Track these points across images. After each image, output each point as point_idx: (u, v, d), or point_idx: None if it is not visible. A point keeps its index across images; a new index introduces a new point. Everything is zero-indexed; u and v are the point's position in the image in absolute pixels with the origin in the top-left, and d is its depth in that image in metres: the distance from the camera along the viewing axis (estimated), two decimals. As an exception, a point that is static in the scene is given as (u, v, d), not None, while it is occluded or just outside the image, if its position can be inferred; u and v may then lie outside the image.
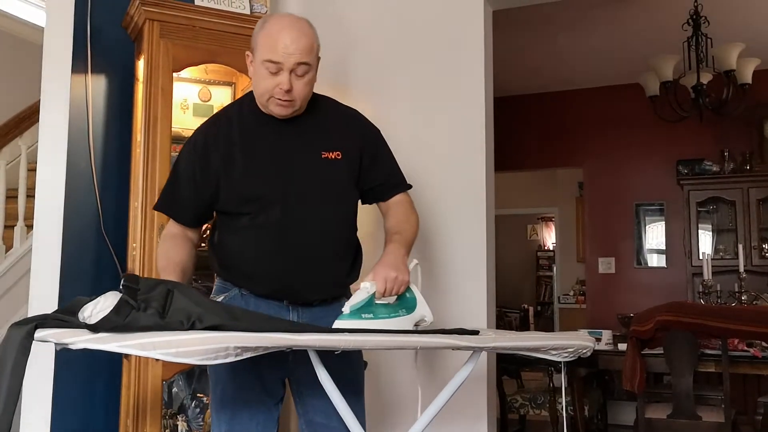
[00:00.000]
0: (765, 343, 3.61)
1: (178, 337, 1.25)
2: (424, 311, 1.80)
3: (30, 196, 3.91)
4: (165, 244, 1.97)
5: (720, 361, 3.38)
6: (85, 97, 2.93)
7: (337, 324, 1.65)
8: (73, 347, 1.25)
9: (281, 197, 1.88)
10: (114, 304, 1.30)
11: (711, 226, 5.96)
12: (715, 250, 5.87)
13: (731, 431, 3.34)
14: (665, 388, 4.01)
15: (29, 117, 4.35)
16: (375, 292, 1.72)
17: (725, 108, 4.39)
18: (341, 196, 1.95)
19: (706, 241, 5.92)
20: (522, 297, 10.05)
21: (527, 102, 6.65)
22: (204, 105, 3.08)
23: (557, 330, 8.50)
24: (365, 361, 2.05)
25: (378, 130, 2.08)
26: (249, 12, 3.00)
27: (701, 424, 3.31)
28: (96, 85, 2.98)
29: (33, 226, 2.90)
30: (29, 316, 1.34)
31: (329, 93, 2.13)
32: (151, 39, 2.77)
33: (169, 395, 2.82)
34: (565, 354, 1.75)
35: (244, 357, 1.30)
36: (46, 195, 2.81)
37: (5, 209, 4.25)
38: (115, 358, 2.74)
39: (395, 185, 2.05)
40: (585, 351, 1.78)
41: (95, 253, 2.91)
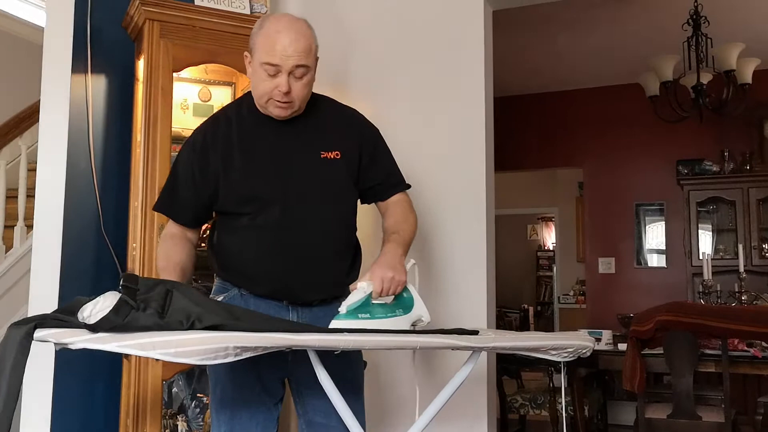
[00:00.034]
0: (765, 343, 3.61)
1: (177, 337, 1.25)
2: (421, 311, 1.80)
3: (30, 196, 3.90)
4: (164, 244, 1.97)
5: (720, 361, 3.38)
6: (85, 97, 2.93)
7: (334, 324, 1.64)
8: (73, 347, 1.25)
9: (280, 197, 1.88)
10: (113, 304, 1.30)
11: (711, 226, 5.96)
12: (715, 250, 5.87)
13: (731, 431, 3.34)
14: (665, 388, 4.01)
15: (29, 117, 4.35)
16: (372, 292, 1.72)
17: (725, 108, 4.38)
18: (340, 195, 1.95)
19: (706, 241, 5.92)
20: (522, 297, 10.04)
21: (527, 102, 6.65)
22: (204, 105, 3.08)
23: (557, 330, 8.50)
24: (365, 361, 2.05)
25: (377, 129, 2.07)
26: (249, 12, 3.01)
27: (701, 424, 3.31)
28: (96, 85, 2.98)
29: (33, 226, 2.90)
30: (29, 316, 1.34)
31: (329, 93, 2.13)
32: (151, 39, 2.77)
33: (169, 395, 2.82)
34: (565, 354, 1.75)
35: (243, 357, 1.30)
36: (46, 195, 2.81)
37: (5, 209, 4.25)
38: (115, 358, 2.74)
39: (394, 185, 2.04)
40: (584, 351, 1.78)
41: (95, 253, 2.91)
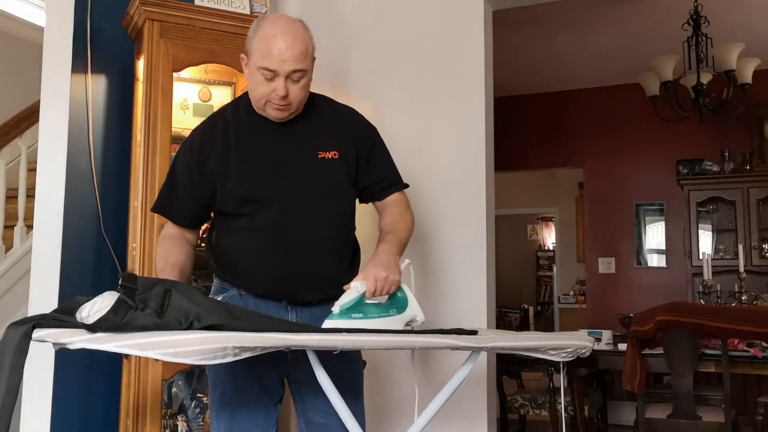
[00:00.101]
0: (765, 343, 3.61)
1: (176, 337, 1.24)
2: (415, 311, 1.80)
3: (30, 196, 3.90)
4: (163, 245, 1.96)
5: (720, 361, 3.37)
6: (85, 97, 2.93)
7: (327, 324, 1.64)
8: (71, 347, 1.25)
9: (278, 198, 1.87)
10: (111, 304, 1.30)
11: (711, 226, 5.96)
12: (715, 250, 5.86)
13: (731, 431, 3.34)
14: (665, 388, 4.01)
15: (29, 117, 4.35)
16: (365, 291, 1.71)
17: (725, 108, 4.38)
18: (338, 195, 1.95)
19: (706, 241, 5.92)
20: (522, 297, 10.04)
21: (527, 102, 6.64)
22: (204, 105, 3.08)
23: (557, 330, 8.50)
24: (364, 361, 2.05)
25: (375, 128, 2.07)
26: (249, 12, 3.01)
27: (701, 424, 3.31)
28: (96, 85, 2.98)
29: (33, 226, 2.90)
30: (28, 316, 1.34)
31: (329, 92, 2.13)
32: (151, 39, 2.77)
33: (169, 395, 2.82)
34: (564, 354, 1.75)
35: (242, 357, 1.30)
36: (46, 195, 2.81)
37: (5, 209, 4.25)
38: (115, 358, 2.74)
39: (391, 184, 2.04)
40: (584, 351, 1.78)
41: (95, 253, 2.91)
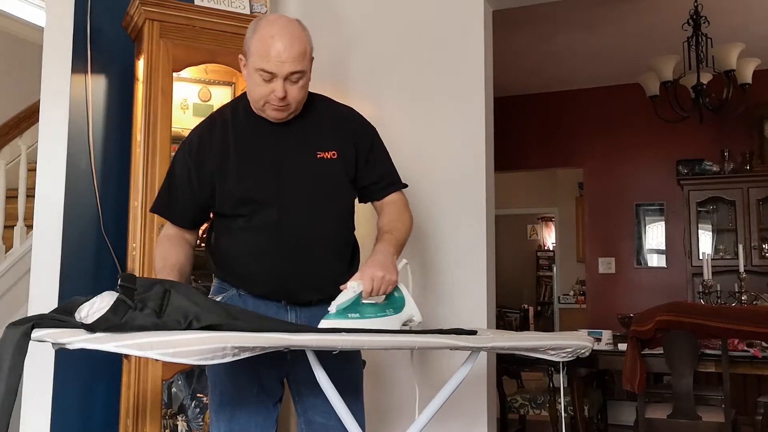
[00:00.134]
0: (765, 343, 3.61)
1: (175, 337, 1.24)
2: (412, 311, 1.79)
3: (30, 196, 3.90)
4: (162, 246, 1.96)
5: (720, 361, 3.37)
6: (85, 97, 2.93)
7: (323, 324, 1.64)
8: (70, 347, 1.24)
9: (277, 199, 1.87)
10: (110, 303, 1.29)
11: (711, 226, 5.96)
12: (715, 250, 5.86)
13: (731, 431, 3.34)
14: (665, 388, 4.01)
15: (29, 117, 4.35)
16: (362, 291, 1.71)
17: (725, 108, 4.38)
18: (337, 195, 1.95)
19: (706, 241, 5.92)
20: (522, 297, 10.04)
21: (527, 102, 6.64)
22: (204, 105, 3.08)
23: (557, 330, 8.49)
24: (364, 360, 2.05)
25: (374, 128, 2.06)
26: (249, 12, 3.01)
27: (701, 424, 3.31)
28: (96, 85, 2.98)
29: (33, 226, 2.90)
30: (27, 316, 1.34)
31: (329, 92, 2.13)
32: (151, 39, 2.78)
33: (169, 395, 2.82)
34: (564, 354, 1.75)
35: (241, 357, 1.30)
36: (46, 195, 2.81)
37: (5, 209, 4.25)
38: (115, 358, 2.74)
39: (390, 184, 2.03)
40: (583, 351, 1.78)
41: (95, 253, 2.91)
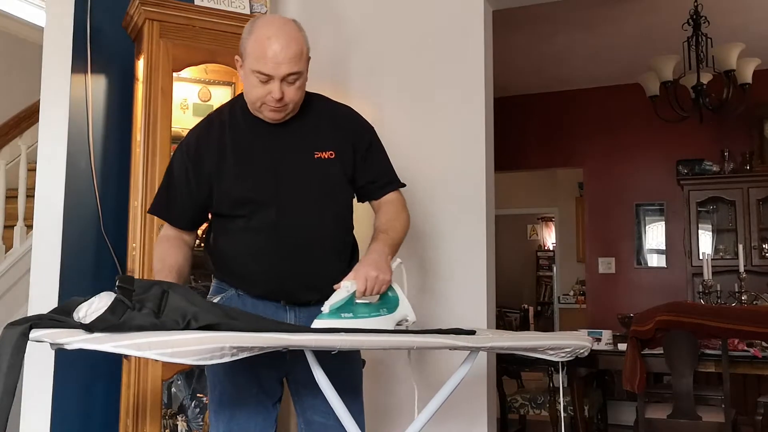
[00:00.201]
0: (765, 343, 3.61)
1: (174, 337, 1.24)
2: (406, 311, 1.79)
3: (30, 196, 3.90)
4: (160, 247, 1.96)
5: (720, 361, 3.37)
6: (85, 97, 2.93)
7: (316, 323, 1.64)
8: (69, 347, 1.24)
9: (275, 199, 1.87)
10: (108, 304, 1.29)
11: (711, 226, 5.96)
12: (715, 250, 5.86)
13: (731, 431, 3.34)
14: (665, 388, 4.01)
15: (29, 117, 4.35)
16: (355, 291, 1.71)
17: (725, 108, 4.38)
18: (336, 195, 1.94)
19: (706, 241, 5.92)
20: (522, 297, 10.04)
21: (527, 102, 6.64)
22: (204, 105, 3.08)
23: (557, 330, 8.49)
24: (363, 360, 2.05)
25: (371, 127, 2.05)
26: (249, 12, 3.01)
27: (701, 424, 3.31)
28: (96, 85, 2.98)
29: (33, 226, 2.91)
30: (25, 316, 1.34)
31: (328, 92, 2.13)
32: (151, 39, 2.78)
33: (169, 395, 2.83)
34: (563, 354, 1.75)
35: (240, 357, 1.30)
36: (46, 195, 2.81)
37: (5, 209, 4.25)
38: (115, 358, 2.74)
39: (387, 183, 2.02)
40: (582, 351, 1.78)
41: (95, 253, 2.91)
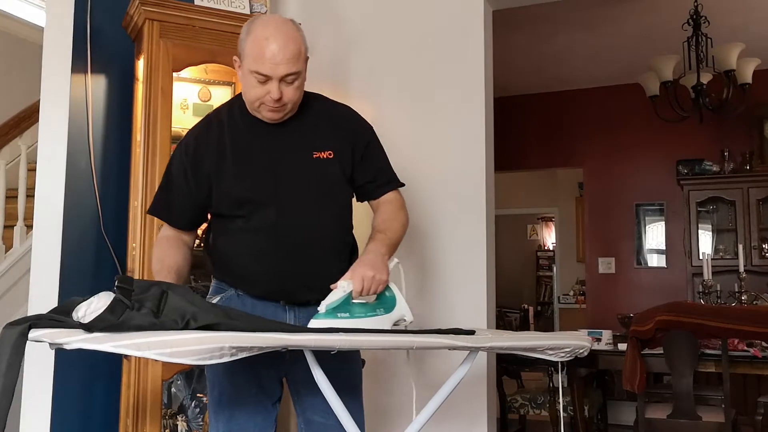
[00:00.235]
0: (765, 343, 3.61)
1: (173, 337, 1.24)
2: (403, 311, 1.79)
3: (30, 196, 3.90)
4: (159, 247, 1.95)
5: (720, 361, 3.37)
6: (85, 97, 2.93)
7: (313, 323, 1.64)
8: (68, 347, 1.24)
9: (274, 199, 1.86)
10: (107, 304, 1.30)
11: (711, 226, 5.96)
12: (715, 250, 5.86)
13: (731, 431, 3.34)
14: (665, 388, 4.01)
15: (29, 117, 4.35)
16: (352, 291, 1.71)
17: (725, 108, 4.38)
18: (335, 195, 1.94)
19: (706, 241, 5.91)
20: (522, 297, 10.04)
21: (527, 102, 6.64)
22: (204, 105, 3.08)
23: (557, 330, 8.49)
24: (363, 360, 2.04)
25: (370, 126, 2.04)
26: (249, 12, 3.00)
27: (701, 424, 3.31)
28: (96, 85, 2.98)
29: (33, 226, 2.91)
30: (24, 316, 1.34)
31: (328, 92, 2.13)
32: (151, 39, 2.78)
33: (169, 395, 2.83)
34: (562, 354, 1.74)
35: (239, 357, 1.30)
36: (45, 195, 2.81)
37: (5, 209, 4.25)
38: (115, 357, 2.74)
39: (385, 183, 2.02)
40: (581, 351, 1.77)
41: (95, 253, 2.91)
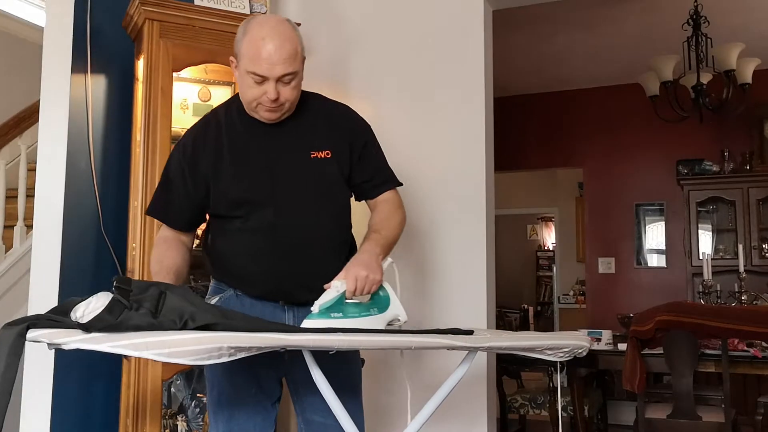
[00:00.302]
0: (765, 343, 3.61)
1: (171, 337, 1.24)
2: (397, 311, 1.79)
3: (30, 196, 3.91)
4: (158, 248, 1.95)
5: (720, 361, 3.37)
6: (85, 97, 2.93)
7: (306, 323, 1.64)
8: (66, 347, 1.24)
9: (271, 199, 1.86)
10: (105, 304, 1.29)
11: (711, 226, 5.96)
12: (715, 250, 5.86)
13: (731, 431, 3.34)
14: (665, 388, 4.01)
15: (29, 117, 4.35)
16: (345, 290, 1.71)
17: (725, 108, 4.38)
18: (333, 195, 1.93)
19: (706, 241, 5.91)
20: (522, 297, 10.04)
21: (527, 102, 6.64)
22: (204, 105, 3.08)
23: (557, 330, 8.49)
24: (363, 359, 2.04)
25: (368, 126, 2.04)
26: (249, 12, 3.01)
27: (701, 424, 3.31)
28: (96, 85, 2.98)
29: (33, 226, 2.91)
30: (24, 316, 1.34)
31: (328, 92, 2.12)
32: (151, 39, 2.78)
33: (169, 395, 2.83)
34: (561, 354, 1.74)
35: (237, 357, 1.30)
36: (45, 195, 2.81)
37: (5, 209, 4.25)
38: (115, 358, 2.74)
39: (383, 182, 2.01)
40: (580, 351, 1.77)
41: (95, 253, 2.91)
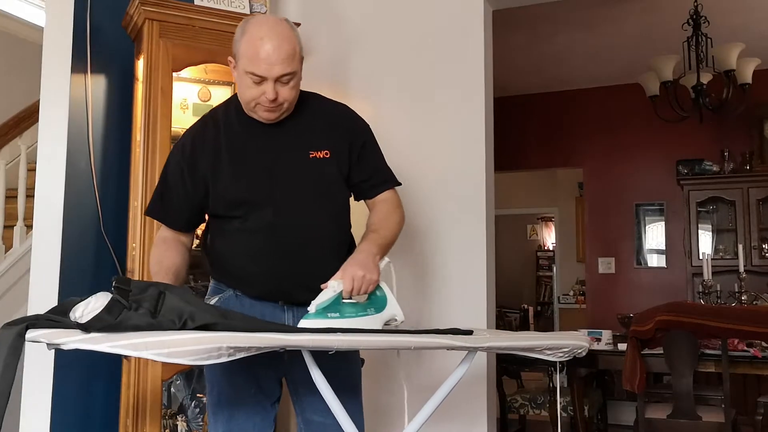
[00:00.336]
0: (765, 343, 3.61)
1: (170, 337, 1.24)
2: (394, 311, 1.79)
3: (30, 196, 3.90)
4: (157, 248, 1.95)
5: (720, 361, 3.37)
6: (85, 97, 2.93)
7: (302, 323, 1.64)
8: (65, 347, 1.24)
9: (271, 199, 1.86)
10: (104, 304, 1.29)
11: (711, 226, 5.95)
12: (715, 250, 5.86)
13: (731, 431, 3.34)
14: (665, 388, 4.01)
15: (29, 117, 4.35)
16: (342, 290, 1.71)
17: (725, 108, 4.38)
18: (332, 195, 1.93)
19: (706, 241, 5.91)
20: (522, 297, 10.04)
21: (527, 102, 6.64)
22: (204, 105, 3.08)
23: (557, 330, 8.49)
24: (362, 359, 2.04)
25: (367, 125, 2.03)
26: (249, 12, 3.01)
27: (701, 424, 3.31)
28: (96, 85, 2.98)
29: (33, 226, 2.91)
30: (23, 316, 1.33)
31: (328, 92, 2.12)
32: (151, 39, 2.78)
33: (169, 395, 2.83)
34: (560, 354, 1.74)
35: (237, 357, 1.30)
36: (45, 195, 2.82)
37: (5, 209, 4.25)
38: (115, 358, 2.74)
39: (381, 182, 2.01)
40: (580, 351, 1.77)
41: (95, 253, 2.91)
